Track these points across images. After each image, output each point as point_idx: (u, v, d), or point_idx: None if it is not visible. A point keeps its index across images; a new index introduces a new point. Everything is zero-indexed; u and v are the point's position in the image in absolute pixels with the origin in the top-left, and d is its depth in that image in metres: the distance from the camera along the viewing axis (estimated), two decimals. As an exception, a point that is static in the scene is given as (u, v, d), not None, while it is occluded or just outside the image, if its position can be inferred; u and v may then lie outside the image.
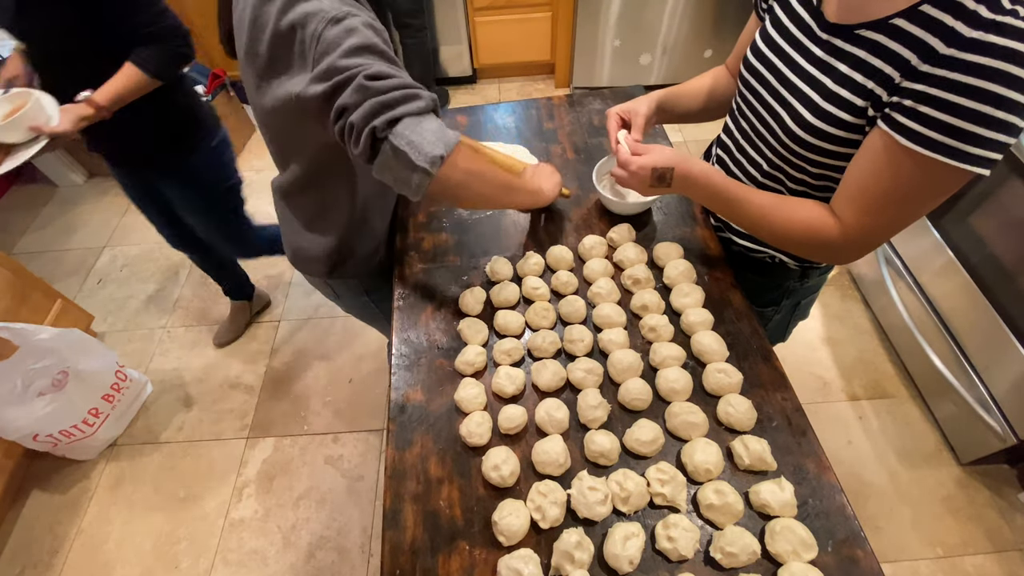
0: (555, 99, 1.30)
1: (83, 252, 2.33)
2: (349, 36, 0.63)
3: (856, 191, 0.66)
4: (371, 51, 0.64)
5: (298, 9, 0.65)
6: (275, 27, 0.67)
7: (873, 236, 0.68)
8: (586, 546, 0.63)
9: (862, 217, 0.66)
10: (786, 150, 0.74)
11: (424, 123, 0.65)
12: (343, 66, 0.63)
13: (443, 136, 0.66)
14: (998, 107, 0.52)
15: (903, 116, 0.58)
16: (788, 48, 0.72)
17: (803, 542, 0.62)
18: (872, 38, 0.61)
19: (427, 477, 0.72)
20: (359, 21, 0.65)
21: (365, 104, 0.62)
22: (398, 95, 0.63)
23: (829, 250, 0.72)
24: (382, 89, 0.63)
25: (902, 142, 0.58)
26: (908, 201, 0.63)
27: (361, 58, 0.63)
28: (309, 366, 1.88)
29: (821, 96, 0.67)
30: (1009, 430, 1.33)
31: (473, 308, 0.88)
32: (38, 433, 1.46)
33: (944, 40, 0.54)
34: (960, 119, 0.54)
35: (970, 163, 0.55)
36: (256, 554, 1.48)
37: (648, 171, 0.78)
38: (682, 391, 0.76)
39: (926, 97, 0.56)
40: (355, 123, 0.63)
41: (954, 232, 1.46)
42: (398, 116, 0.63)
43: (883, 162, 0.61)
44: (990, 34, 0.51)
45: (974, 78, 0.52)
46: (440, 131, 0.66)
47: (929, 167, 0.57)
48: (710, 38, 2.58)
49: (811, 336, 1.84)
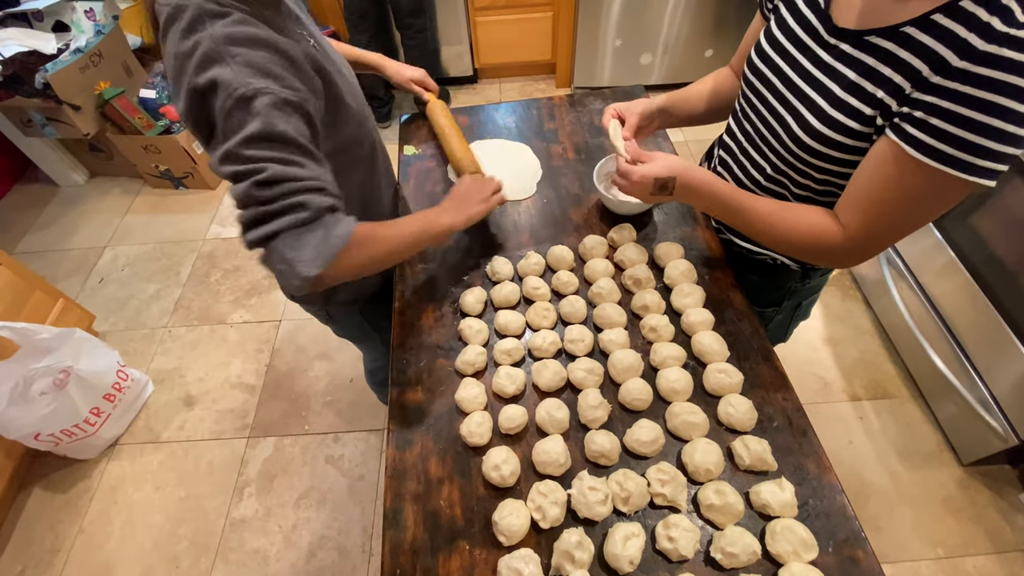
0: (556, 99, 1.30)
1: (85, 252, 2.33)
2: (252, 121, 0.60)
3: (861, 199, 0.66)
4: (271, 141, 0.61)
5: (211, 72, 0.60)
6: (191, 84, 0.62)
7: (876, 243, 0.68)
8: (586, 546, 0.63)
9: (866, 225, 0.66)
10: (792, 156, 0.74)
11: (304, 237, 0.62)
12: (241, 157, 0.60)
13: (323, 251, 0.63)
14: (1010, 121, 0.52)
15: (913, 127, 0.57)
16: (794, 51, 0.72)
17: (804, 542, 0.62)
18: (882, 46, 0.61)
19: (427, 477, 0.73)
20: (268, 101, 0.60)
21: (247, 211, 0.61)
22: (282, 205, 0.61)
23: (832, 256, 0.72)
24: (266, 199, 0.60)
25: (911, 153, 0.58)
26: (913, 210, 0.63)
27: (260, 150, 0.60)
28: (310, 366, 1.89)
29: (829, 103, 0.66)
30: (1010, 430, 1.33)
31: (473, 308, 0.88)
32: (39, 432, 1.46)
33: (957, 52, 0.53)
34: (971, 132, 0.53)
35: (978, 175, 0.55)
36: (257, 554, 1.49)
37: (650, 180, 0.78)
38: (683, 391, 0.76)
39: (937, 109, 0.55)
40: (240, 223, 0.62)
41: (955, 232, 1.46)
42: (275, 231, 0.61)
43: (890, 171, 0.61)
44: (1004, 48, 0.51)
45: (987, 92, 0.52)
46: (321, 245, 0.63)
47: (937, 179, 0.57)
48: (711, 38, 2.58)
49: (812, 336, 1.84)
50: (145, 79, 2.34)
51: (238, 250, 2.27)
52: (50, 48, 2.01)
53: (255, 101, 0.60)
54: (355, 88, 0.87)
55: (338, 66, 0.82)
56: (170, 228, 2.39)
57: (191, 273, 2.21)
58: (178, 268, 2.23)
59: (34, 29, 2.06)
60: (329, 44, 0.86)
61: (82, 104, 2.09)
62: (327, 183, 0.66)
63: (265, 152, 0.60)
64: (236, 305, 2.09)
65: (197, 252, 2.28)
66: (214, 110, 0.61)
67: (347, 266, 0.68)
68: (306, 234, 0.63)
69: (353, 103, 0.82)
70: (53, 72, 1.94)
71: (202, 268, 2.22)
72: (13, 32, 1.99)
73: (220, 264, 2.23)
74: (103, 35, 2.14)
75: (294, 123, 0.63)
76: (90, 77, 2.09)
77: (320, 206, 0.64)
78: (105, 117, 2.23)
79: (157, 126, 2.27)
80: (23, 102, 2.06)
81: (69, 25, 2.13)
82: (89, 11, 2.18)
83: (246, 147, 0.60)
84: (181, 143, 2.29)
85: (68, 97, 2.03)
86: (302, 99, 0.64)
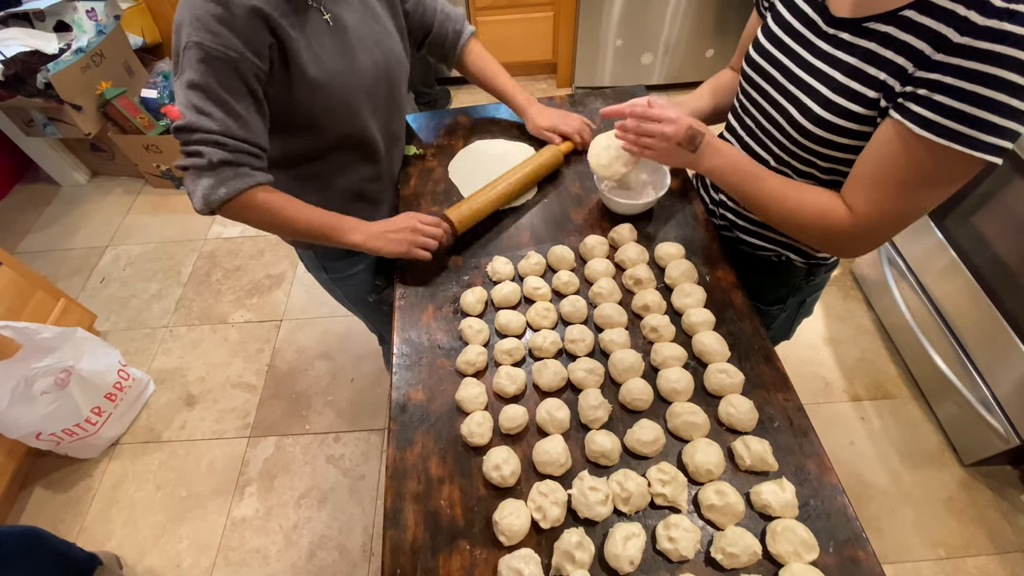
0: (557, 98, 1.30)
1: (86, 251, 2.33)
2: (187, 69, 0.72)
3: (868, 180, 0.66)
4: (195, 89, 0.72)
5: (177, 17, 0.72)
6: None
7: (884, 226, 0.67)
8: (587, 546, 0.63)
9: (873, 206, 0.66)
10: (794, 144, 0.74)
11: (199, 180, 0.76)
12: (179, 97, 0.74)
13: (209, 197, 0.76)
14: (1012, 94, 0.52)
15: (917, 105, 0.58)
16: (792, 43, 0.72)
17: (804, 543, 0.61)
18: (882, 30, 0.61)
19: (428, 477, 0.73)
20: (198, 55, 0.71)
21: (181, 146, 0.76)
22: (188, 151, 0.75)
23: (838, 239, 0.72)
24: (181, 141, 0.75)
25: (916, 131, 0.58)
26: (920, 190, 0.63)
27: (189, 96, 0.73)
28: (311, 365, 1.89)
29: (830, 89, 0.67)
30: (1012, 431, 1.33)
31: (474, 308, 0.88)
32: (41, 432, 1.46)
33: (957, 29, 0.54)
34: (974, 107, 0.54)
35: (984, 151, 0.55)
36: (257, 553, 1.49)
37: (685, 126, 0.78)
38: (683, 391, 0.76)
39: (940, 86, 0.55)
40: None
41: (957, 232, 1.46)
42: (184, 167, 0.76)
43: (897, 151, 0.61)
44: (1004, 22, 0.51)
45: (988, 66, 0.52)
46: (209, 192, 0.76)
47: (943, 155, 0.57)
48: (712, 38, 2.58)
49: (813, 336, 1.84)
50: (147, 79, 2.34)
51: (239, 250, 2.28)
52: (52, 48, 2.02)
53: (190, 51, 0.71)
54: (350, 74, 0.86)
55: (347, 43, 0.84)
56: (171, 228, 2.39)
57: (192, 273, 2.21)
58: (179, 268, 2.23)
59: (36, 29, 2.06)
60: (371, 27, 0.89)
61: (83, 104, 2.10)
62: (233, 136, 0.76)
63: (191, 99, 0.73)
64: (237, 305, 2.09)
65: (198, 252, 2.28)
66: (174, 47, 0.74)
67: (239, 216, 0.82)
68: (201, 178, 0.76)
69: (326, 80, 0.82)
70: (55, 72, 1.95)
71: (203, 268, 2.22)
72: (15, 32, 2.00)
73: (221, 264, 2.23)
74: (104, 35, 2.14)
75: (219, 78, 0.72)
76: (92, 77, 2.10)
77: (213, 159, 0.75)
78: (106, 117, 2.24)
79: (158, 126, 2.27)
80: (25, 102, 2.06)
81: (71, 25, 2.13)
82: (91, 11, 2.18)
83: (182, 90, 0.73)
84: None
85: (70, 97, 2.03)
86: (233, 57, 0.72)
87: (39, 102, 2.05)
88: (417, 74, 2.62)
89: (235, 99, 0.74)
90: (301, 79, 0.80)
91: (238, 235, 2.33)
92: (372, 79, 0.90)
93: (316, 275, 1.18)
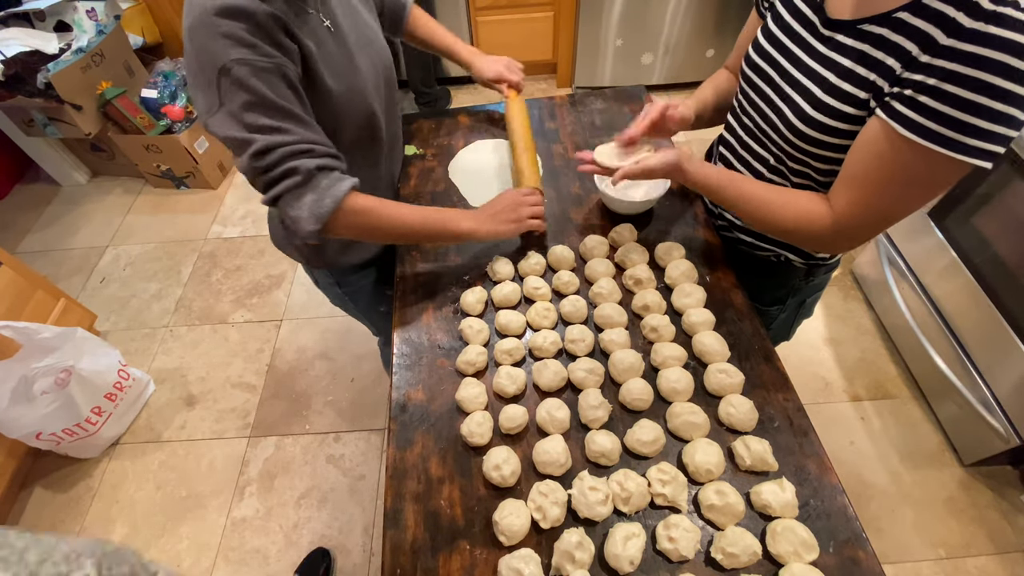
0: (557, 98, 1.30)
1: (86, 251, 2.33)
2: (238, 91, 0.66)
3: (850, 178, 0.66)
4: (255, 108, 0.67)
5: (198, 42, 0.66)
6: (187, 48, 0.68)
7: (864, 226, 0.68)
8: (587, 546, 0.63)
9: (854, 205, 0.66)
10: (789, 145, 0.74)
11: (302, 198, 0.72)
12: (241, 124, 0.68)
13: (316, 211, 0.73)
14: (996, 98, 0.52)
15: (902, 105, 0.58)
16: (790, 44, 0.72)
17: (804, 543, 0.61)
18: (875, 32, 0.61)
19: (428, 477, 0.73)
20: (247, 71, 0.65)
21: (257, 180, 0.72)
22: (278, 173, 0.70)
23: (821, 239, 0.73)
24: (264, 168, 0.70)
25: (900, 131, 0.58)
26: (901, 191, 0.62)
27: (246, 117, 0.67)
28: (311, 365, 1.89)
29: (823, 90, 0.67)
30: (1012, 431, 1.33)
31: (474, 308, 0.88)
32: (41, 431, 1.46)
33: (944, 31, 0.54)
34: (958, 110, 0.54)
35: (968, 155, 0.55)
36: (258, 553, 1.49)
37: (672, 161, 0.80)
38: (683, 391, 0.76)
39: (925, 87, 0.55)
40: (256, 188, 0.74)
41: (957, 232, 1.46)
42: (278, 195, 0.72)
43: (880, 150, 0.61)
44: (990, 25, 0.51)
45: (973, 69, 0.52)
46: (315, 205, 0.72)
47: (926, 157, 0.57)
48: (712, 38, 2.58)
49: (813, 336, 1.84)
50: (147, 79, 2.34)
51: (239, 249, 2.28)
52: (52, 48, 2.02)
53: (234, 72, 0.65)
54: (357, 79, 0.84)
55: (347, 48, 0.82)
56: (171, 228, 2.39)
57: (192, 273, 2.21)
58: (179, 268, 2.23)
59: (36, 29, 2.06)
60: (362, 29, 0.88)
61: (84, 104, 2.10)
62: (316, 142, 0.73)
63: (253, 120, 0.68)
64: (237, 305, 2.09)
65: (198, 252, 2.28)
66: (205, 77, 0.67)
67: (342, 226, 0.77)
68: (302, 197, 0.72)
69: (343, 90, 0.81)
70: (55, 72, 1.95)
71: (203, 268, 2.22)
72: (15, 32, 1.99)
73: (221, 264, 2.23)
74: (105, 35, 2.14)
75: (274, 89, 0.68)
76: (92, 77, 2.10)
77: (309, 167, 0.71)
78: (107, 117, 2.24)
79: (159, 126, 2.27)
80: (25, 102, 2.06)
81: (71, 25, 2.13)
82: (91, 11, 2.18)
83: (234, 118, 0.67)
84: (182, 143, 2.29)
85: (70, 97, 2.03)
86: (278, 64, 0.68)
87: (39, 102, 2.05)
88: (417, 74, 2.62)
89: (296, 106, 0.71)
90: (320, 88, 0.78)
91: (238, 235, 2.33)
92: (374, 81, 0.88)
93: (328, 291, 1.16)
